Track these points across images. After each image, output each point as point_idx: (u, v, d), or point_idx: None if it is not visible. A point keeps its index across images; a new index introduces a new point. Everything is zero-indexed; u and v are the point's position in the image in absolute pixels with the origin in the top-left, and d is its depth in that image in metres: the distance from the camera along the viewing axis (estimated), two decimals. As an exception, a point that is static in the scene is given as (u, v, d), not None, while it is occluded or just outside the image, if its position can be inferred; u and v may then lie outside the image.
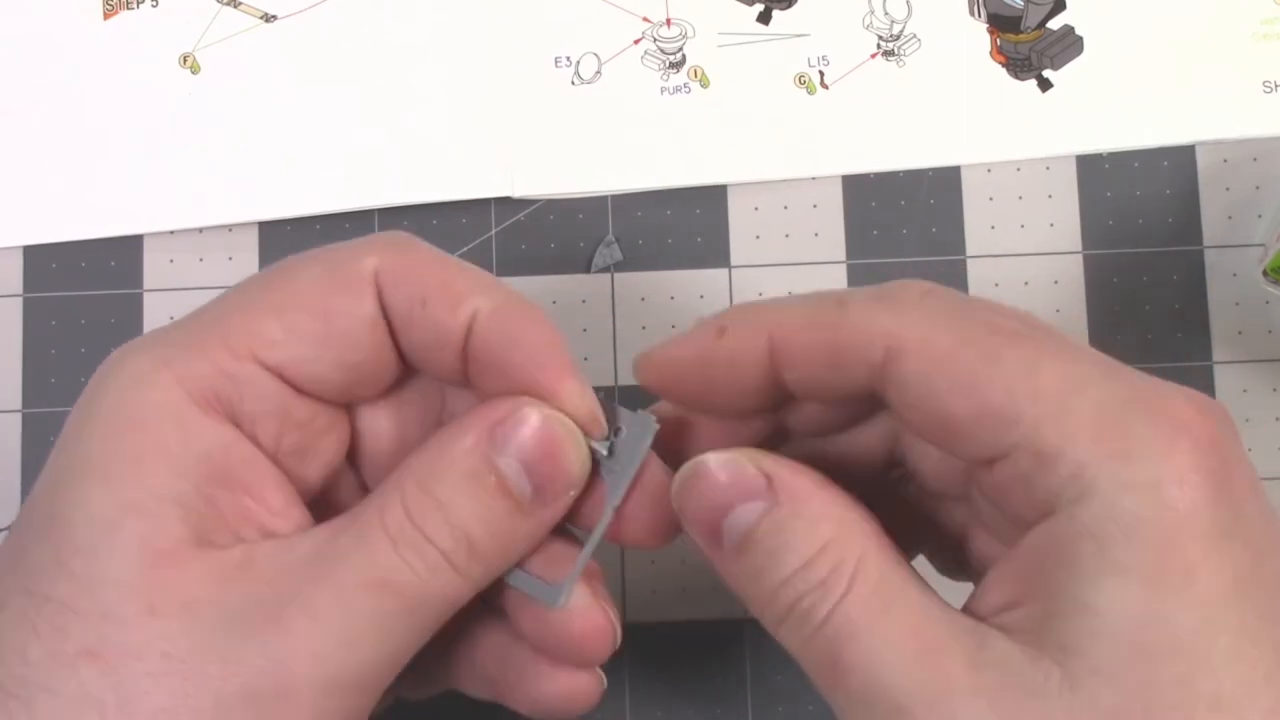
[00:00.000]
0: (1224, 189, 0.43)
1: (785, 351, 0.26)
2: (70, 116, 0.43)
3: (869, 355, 0.24)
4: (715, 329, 0.27)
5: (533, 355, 0.26)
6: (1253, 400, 0.42)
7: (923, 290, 0.25)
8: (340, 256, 0.27)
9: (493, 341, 0.26)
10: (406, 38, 0.44)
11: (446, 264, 0.27)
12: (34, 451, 0.42)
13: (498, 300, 0.27)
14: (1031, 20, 0.44)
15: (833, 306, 0.25)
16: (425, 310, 0.26)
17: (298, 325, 0.26)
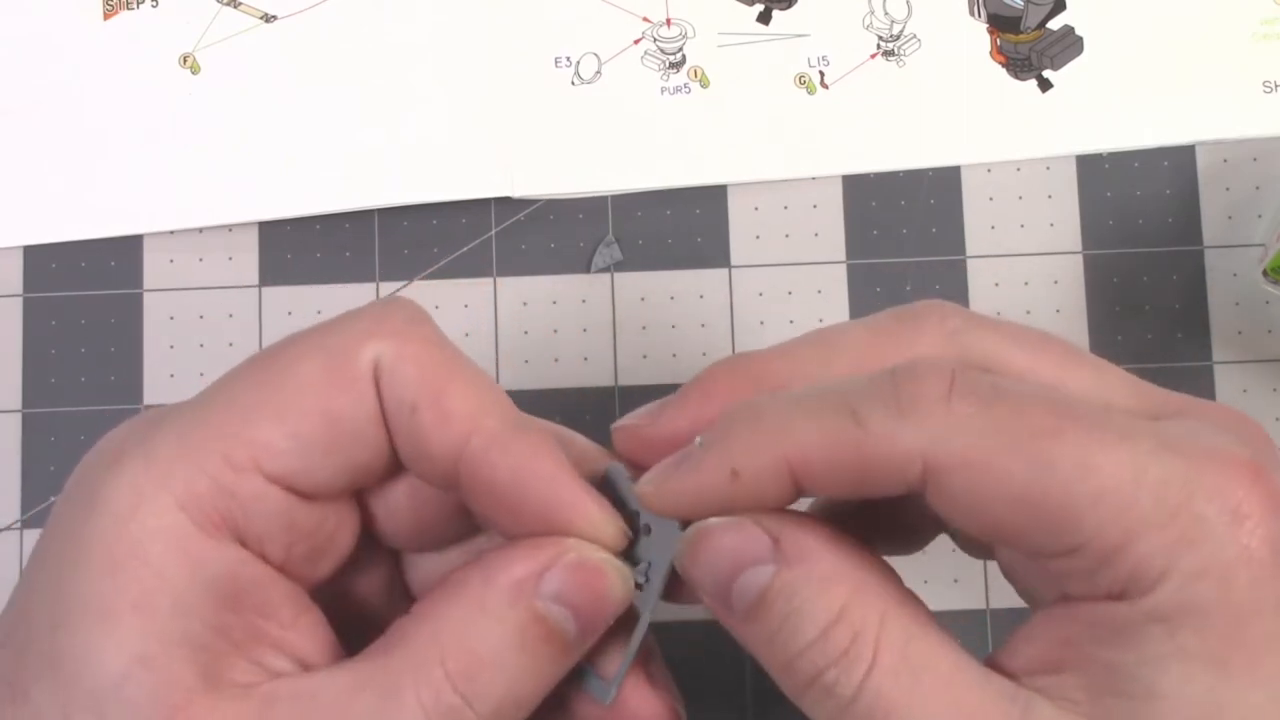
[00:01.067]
0: (1224, 189, 0.43)
1: (807, 478, 0.24)
2: (70, 116, 0.43)
3: (903, 475, 0.23)
4: (727, 474, 0.24)
5: (545, 494, 0.25)
6: (1253, 400, 0.42)
7: (943, 389, 0.22)
8: (340, 345, 0.25)
9: (493, 476, 0.25)
10: (406, 38, 0.44)
11: (444, 365, 0.25)
12: (34, 451, 0.42)
13: (493, 426, 0.25)
14: (1031, 20, 0.44)
15: (849, 422, 0.23)
16: (413, 419, 0.25)
17: (301, 430, 0.24)
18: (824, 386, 0.24)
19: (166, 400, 0.42)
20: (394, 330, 0.25)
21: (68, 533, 0.24)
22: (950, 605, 0.41)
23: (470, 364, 0.26)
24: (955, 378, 0.22)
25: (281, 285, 0.43)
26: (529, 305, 0.43)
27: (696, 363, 0.43)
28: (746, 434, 0.24)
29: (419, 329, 0.25)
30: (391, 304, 0.26)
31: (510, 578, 0.24)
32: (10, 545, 0.42)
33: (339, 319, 0.26)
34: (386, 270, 0.43)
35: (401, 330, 0.25)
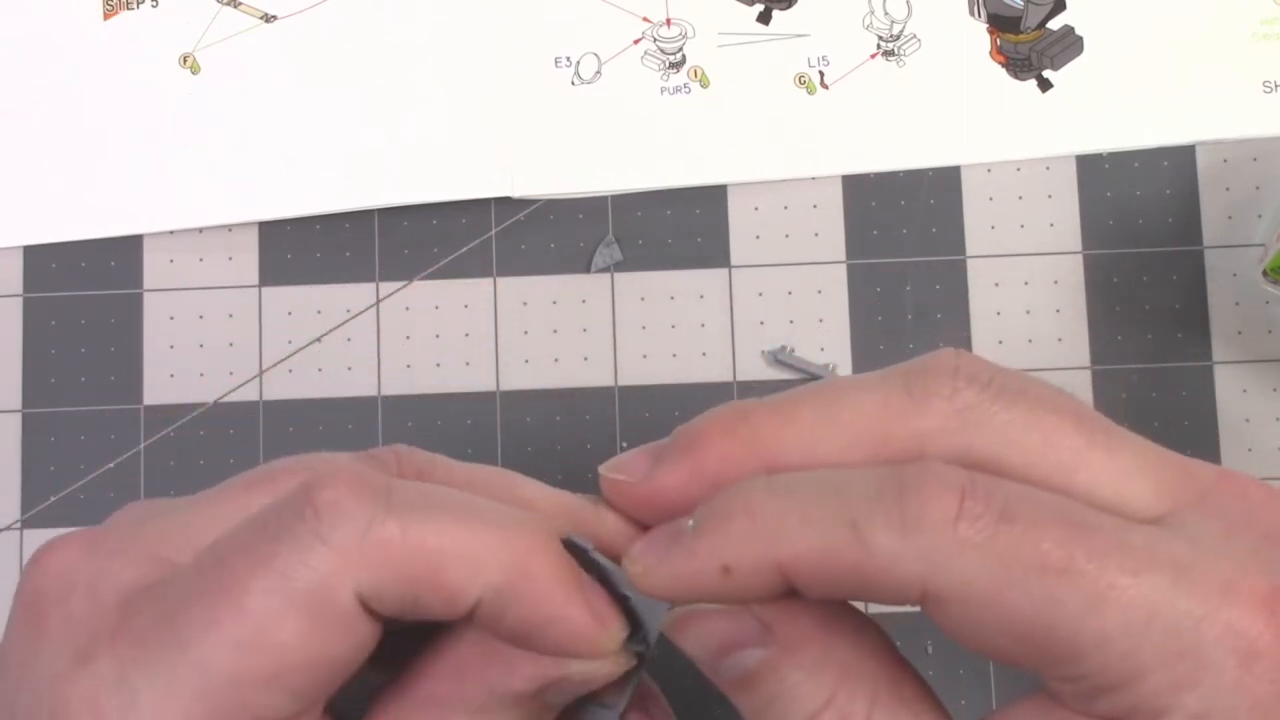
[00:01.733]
0: (1224, 189, 0.43)
1: (800, 582, 0.23)
2: (70, 116, 0.43)
3: (902, 595, 0.22)
4: (719, 569, 0.23)
5: (554, 636, 0.24)
6: (1253, 400, 0.42)
7: (951, 510, 0.21)
8: (316, 593, 0.23)
9: (504, 626, 0.24)
10: (406, 38, 0.44)
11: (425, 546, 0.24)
12: (34, 451, 0.42)
13: (497, 578, 0.24)
14: (1031, 20, 0.44)
15: (848, 536, 0.22)
16: (418, 607, 0.24)
17: (292, 686, 0.23)
18: (825, 483, 0.23)
19: (166, 400, 0.42)
20: (364, 549, 0.23)
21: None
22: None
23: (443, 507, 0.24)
24: (965, 495, 0.21)
25: (281, 285, 0.43)
26: (529, 305, 0.43)
27: (696, 363, 0.43)
28: (740, 532, 0.23)
29: (383, 529, 0.23)
30: (338, 510, 0.23)
31: (510, 690, 0.25)
32: (10, 545, 0.42)
33: (293, 541, 0.23)
34: (386, 270, 0.43)
35: (371, 544, 0.23)
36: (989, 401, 0.23)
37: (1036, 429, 0.23)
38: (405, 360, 0.43)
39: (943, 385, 0.23)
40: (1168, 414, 0.42)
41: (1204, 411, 0.42)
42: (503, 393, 0.43)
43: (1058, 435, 0.23)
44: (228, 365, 0.43)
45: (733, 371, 0.43)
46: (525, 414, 0.42)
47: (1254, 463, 0.42)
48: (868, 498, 0.22)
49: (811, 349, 0.43)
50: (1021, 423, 0.23)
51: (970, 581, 0.21)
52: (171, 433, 0.42)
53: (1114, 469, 0.23)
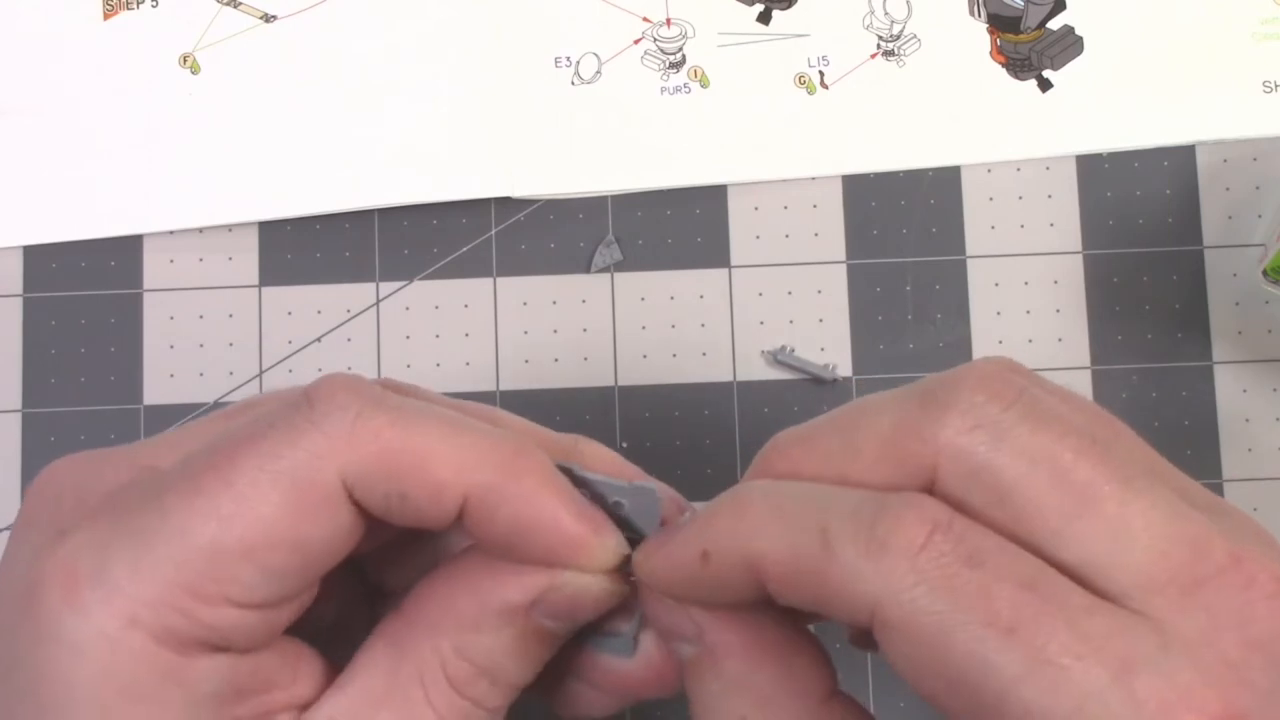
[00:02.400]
0: (1224, 189, 0.43)
1: (771, 584, 0.23)
2: (70, 116, 0.43)
3: (856, 615, 0.22)
4: (699, 554, 0.24)
5: (548, 540, 0.25)
6: (1253, 400, 0.42)
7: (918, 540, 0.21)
8: (302, 471, 0.23)
9: (493, 531, 0.25)
10: (406, 38, 0.44)
11: (414, 439, 0.24)
12: (34, 451, 0.42)
13: (485, 479, 0.24)
14: (1031, 20, 0.44)
15: (816, 545, 0.22)
16: (405, 504, 0.24)
17: (271, 564, 0.23)
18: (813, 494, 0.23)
19: (166, 400, 0.42)
20: (352, 434, 0.24)
21: (35, 672, 0.23)
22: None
23: (431, 411, 0.25)
24: (936, 529, 0.21)
25: (281, 285, 0.43)
26: (529, 305, 0.43)
27: (696, 363, 0.43)
28: (724, 523, 0.24)
29: (373, 419, 0.24)
30: (331, 400, 0.24)
31: (505, 601, 0.25)
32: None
33: (288, 426, 0.24)
34: (386, 270, 0.43)
35: (360, 430, 0.24)
36: (1010, 422, 0.22)
37: (1051, 463, 0.22)
38: (405, 360, 0.43)
39: (960, 399, 0.23)
40: (1168, 414, 0.42)
41: (1204, 411, 0.42)
42: (503, 393, 0.43)
43: (1074, 474, 0.22)
44: (228, 365, 0.43)
45: (733, 371, 0.43)
46: (525, 414, 0.42)
47: (1254, 463, 0.42)
48: (845, 513, 0.22)
49: (811, 349, 0.43)
50: (1038, 452, 0.22)
51: (918, 616, 0.21)
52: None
53: (1119, 525, 0.21)
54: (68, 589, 0.23)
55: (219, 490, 0.23)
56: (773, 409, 0.42)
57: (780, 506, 0.23)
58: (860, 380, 0.42)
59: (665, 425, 0.42)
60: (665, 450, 0.42)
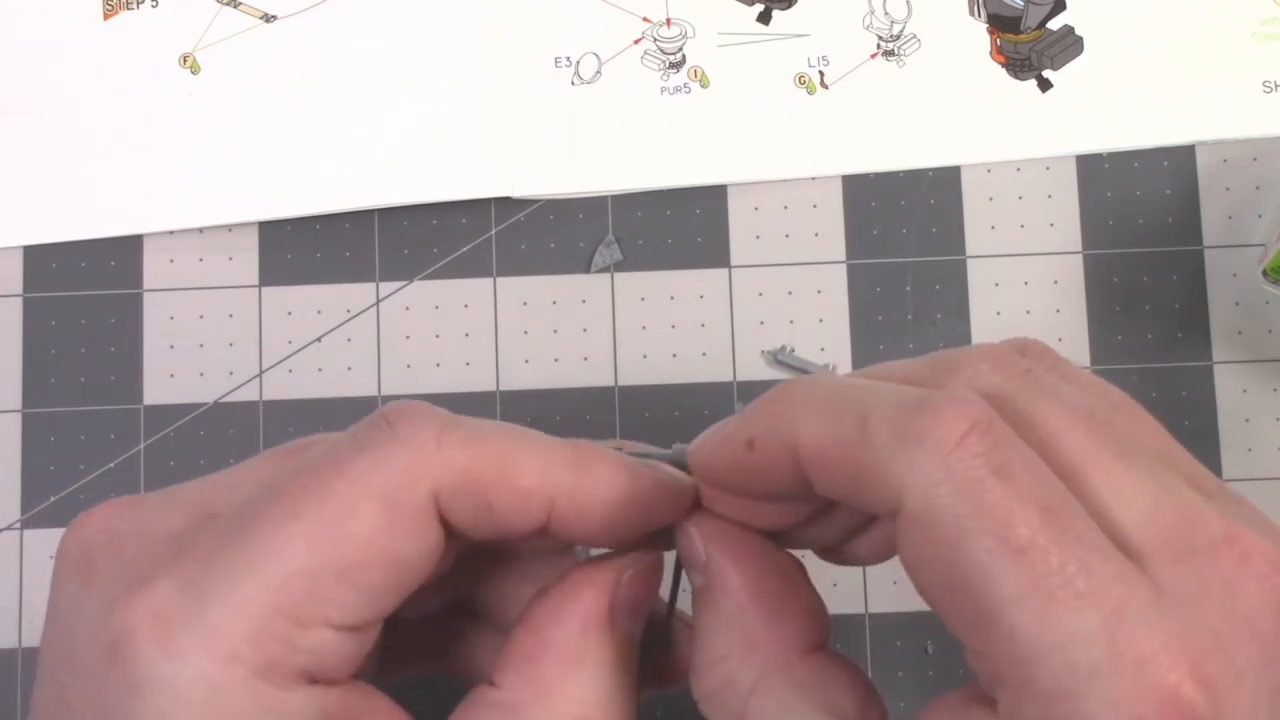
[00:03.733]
0: (1224, 189, 0.43)
1: (810, 470, 0.24)
2: (70, 116, 0.43)
3: (882, 503, 0.22)
4: (745, 441, 0.25)
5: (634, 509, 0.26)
6: (1253, 400, 0.42)
7: (957, 434, 0.21)
8: (396, 488, 0.24)
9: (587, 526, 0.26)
10: (406, 38, 0.44)
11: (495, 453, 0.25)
12: (34, 451, 0.42)
13: (565, 477, 0.25)
14: (1031, 20, 0.44)
15: (856, 430, 0.22)
16: (492, 516, 0.25)
17: (368, 583, 0.24)
18: (863, 384, 0.24)
19: (166, 400, 0.42)
20: (440, 451, 0.24)
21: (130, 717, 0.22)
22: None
23: (504, 428, 0.26)
24: (974, 428, 0.21)
25: (281, 285, 0.43)
26: (529, 305, 0.43)
27: (697, 363, 0.43)
28: (770, 410, 0.24)
29: (454, 434, 0.25)
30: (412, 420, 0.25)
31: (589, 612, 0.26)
32: (10, 545, 0.42)
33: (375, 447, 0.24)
34: (386, 270, 0.43)
35: (446, 446, 0.24)
36: (1009, 391, 0.23)
37: (1044, 427, 0.23)
38: (405, 360, 0.43)
39: (966, 367, 0.24)
40: (1168, 414, 0.42)
41: (1204, 411, 0.42)
42: (503, 393, 0.43)
43: (1067, 439, 0.23)
44: (228, 365, 0.43)
45: (733, 371, 0.43)
46: (525, 414, 0.42)
47: (1254, 463, 0.42)
48: (888, 402, 0.22)
49: (811, 349, 0.43)
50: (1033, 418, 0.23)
51: (938, 515, 0.21)
52: (171, 433, 0.42)
53: (1114, 490, 0.22)
54: (161, 635, 0.22)
55: (315, 512, 0.23)
56: (773, 409, 0.42)
57: (823, 397, 0.24)
58: (860, 380, 0.43)
59: (665, 425, 0.42)
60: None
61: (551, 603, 0.26)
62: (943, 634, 0.23)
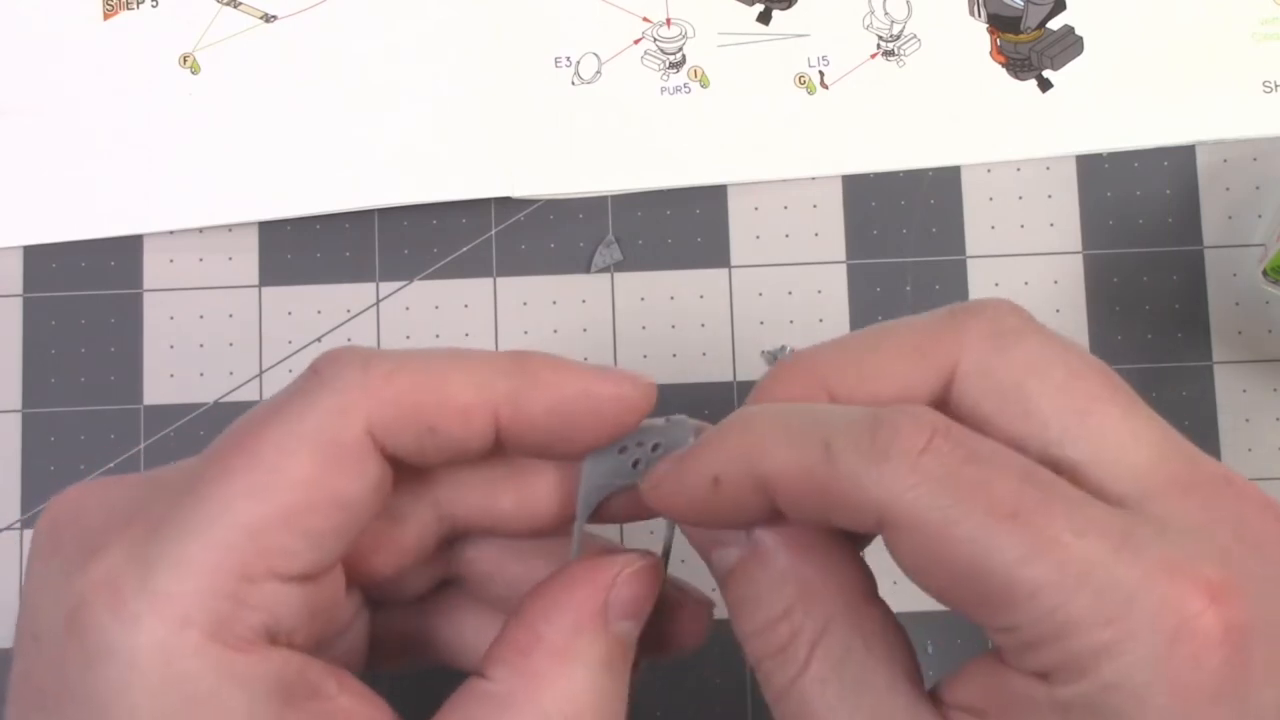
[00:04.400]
0: (1224, 189, 0.43)
1: (780, 501, 0.24)
2: (70, 116, 0.43)
3: (862, 520, 0.22)
4: (710, 480, 0.24)
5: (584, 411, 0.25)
6: (1253, 400, 0.42)
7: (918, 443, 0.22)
8: (327, 427, 0.24)
9: (534, 433, 0.25)
10: (406, 38, 0.44)
11: (429, 375, 0.25)
12: (34, 451, 0.42)
13: (505, 385, 0.25)
14: (1031, 20, 0.44)
15: (820, 456, 0.23)
16: (437, 439, 0.25)
17: (312, 525, 0.24)
18: (816, 411, 0.24)
19: (166, 400, 0.42)
20: (366, 384, 0.24)
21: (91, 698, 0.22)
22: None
23: (435, 351, 0.26)
24: (935, 433, 0.22)
25: (281, 285, 0.43)
26: (529, 305, 0.43)
27: (697, 363, 0.43)
28: (731, 445, 0.24)
29: (380, 366, 0.24)
30: (335, 361, 0.25)
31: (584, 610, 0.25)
32: (10, 545, 0.42)
33: (302, 394, 0.24)
34: (386, 270, 0.43)
35: (372, 379, 0.24)
36: (1028, 331, 0.24)
37: (1063, 365, 0.24)
38: (405, 360, 0.43)
39: (985, 310, 0.25)
40: (1168, 414, 0.42)
41: (1204, 411, 0.42)
42: (503, 393, 0.43)
43: (1081, 379, 0.24)
44: (228, 365, 0.43)
45: (733, 371, 0.43)
46: (525, 414, 0.42)
47: (1254, 463, 0.42)
48: (846, 426, 0.23)
49: (811, 349, 0.43)
50: (1051, 356, 0.24)
51: (921, 513, 0.21)
52: (171, 433, 0.42)
53: (1124, 426, 0.23)
54: (113, 603, 0.22)
55: (250, 465, 0.23)
56: (773, 409, 0.42)
57: (784, 426, 0.24)
58: (860, 380, 0.42)
59: (665, 425, 0.42)
60: (665, 450, 0.42)
61: (545, 597, 0.26)
62: (943, 634, 0.23)
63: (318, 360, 0.25)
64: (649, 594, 0.26)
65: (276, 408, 0.24)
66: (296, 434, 0.24)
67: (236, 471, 0.23)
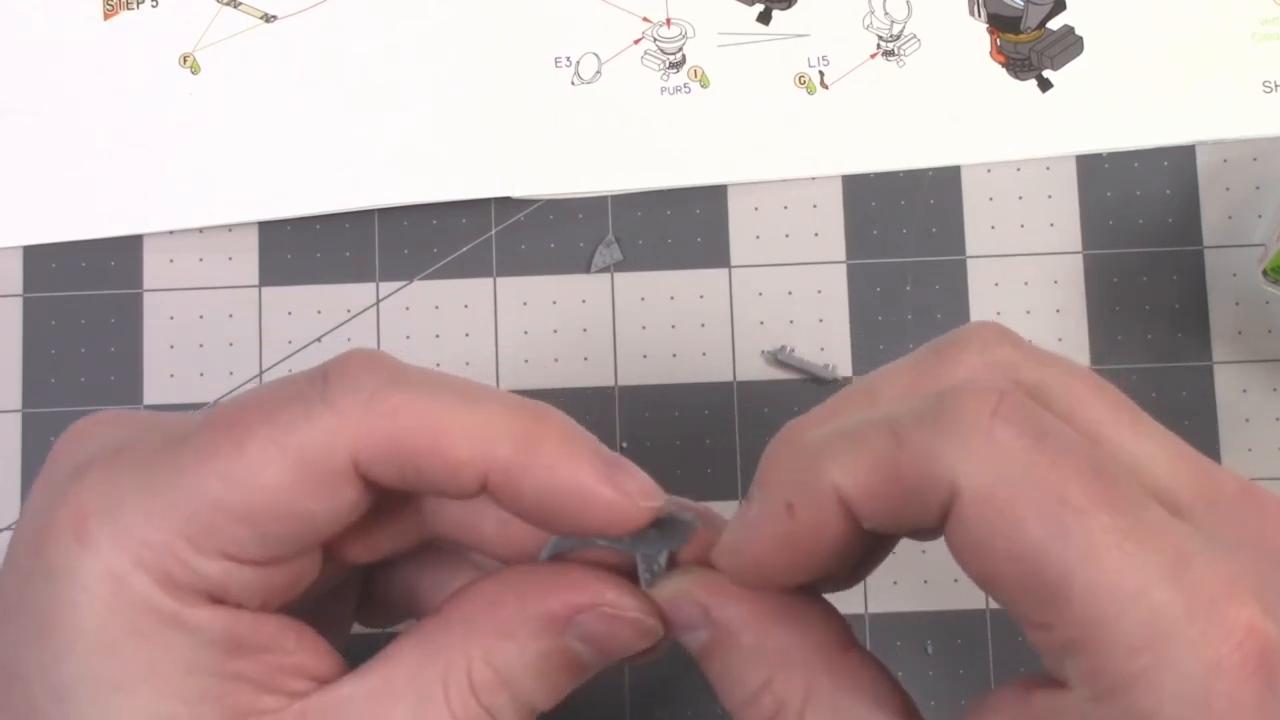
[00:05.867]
0: (1224, 189, 0.43)
1: (858, 505, 0.23)
2: (70, 116, 0.43)
3: (938, 496, 0.22)
4: (783, 509, 0.24)
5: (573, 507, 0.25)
6: (1253, 400, 0.42)
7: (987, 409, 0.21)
8: (311, 448, 0.24)
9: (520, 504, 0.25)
10: (406, 38, 0.44)
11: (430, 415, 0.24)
12: (34, 451, 0.42)
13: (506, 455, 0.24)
14: (1031, 20, 0.44)
15: (887, 439, 0.22)
16: (421, 479, 0.24)
17: (269, 530, 0.24)
18: (867, 412, 0.23)
19: (166, 400, 0.42)
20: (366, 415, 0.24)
21: (44, 610, 0.23)
22: (950, 605, 0.41)
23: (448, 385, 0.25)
24: (1003, 398, 0.21)
25: (281, 285, 0.43)
26: (529, 305, 0.43)
27: (697, 363, 0.43)
28: (793, 466, 0.24)
29: (387, 399, 0.24)
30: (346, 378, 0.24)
31: (544, 610, 0.25)
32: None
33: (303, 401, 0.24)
34: (386, 270, 0.43)
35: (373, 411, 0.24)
36: (1022, 359, 0.24)
37: (1068, 391, 0.23)
38: (405, 360, 0.43)
39: (973, 341, 0.24)
40: (1168, 414, 0.42)
41: (1204, 411, 0.42)
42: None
43: (1087, 402, 0.23)
44: (228, 365, 0.43)
45: (733, 371, 0.43)
46: (525, 414, 0.42)
47: (1254, 463, 0.42)
48: (909, 411, 0.22)
49: (811, 349, 0.43)
50: (1051, 383, 0.23)
51: (996, 488, 0.21)
52: (171, 433, 0.42)
53: (1138, 447, 0.23)
54: (78, 525, 0.23)
55: (231, 454, 0.23)
56: (773, 409, 0.42)
57: (841, 432, 0.23)
58: (860, 380, 0.43)
59: (665, 425, 0.42)
60: (665, 450, 0.42)
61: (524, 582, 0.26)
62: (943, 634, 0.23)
63: (331, 364, 0.24)
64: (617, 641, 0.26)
65: (276, 406, 0.24)
66: (281, 444, 0.23)
67: (220, 456, 0.23)
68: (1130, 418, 0.23)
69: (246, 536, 0.24)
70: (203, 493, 0.23)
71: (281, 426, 0.24)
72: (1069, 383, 0.23)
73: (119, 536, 0.23)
